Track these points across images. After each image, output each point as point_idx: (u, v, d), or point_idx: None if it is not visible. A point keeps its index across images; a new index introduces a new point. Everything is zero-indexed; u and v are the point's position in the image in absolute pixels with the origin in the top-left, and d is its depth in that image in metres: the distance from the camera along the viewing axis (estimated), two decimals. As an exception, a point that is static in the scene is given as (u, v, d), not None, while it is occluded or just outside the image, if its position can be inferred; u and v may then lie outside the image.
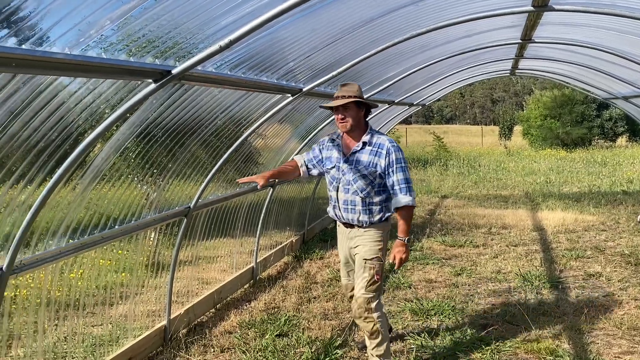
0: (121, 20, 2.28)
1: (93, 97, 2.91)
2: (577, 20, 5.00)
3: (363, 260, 3.56)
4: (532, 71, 9.88)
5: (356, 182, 3.53)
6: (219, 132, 4.49)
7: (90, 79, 2.78)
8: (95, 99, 2.94)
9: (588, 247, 7.35)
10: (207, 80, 3.24)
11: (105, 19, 2.13)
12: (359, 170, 3.52)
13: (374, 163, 3.50)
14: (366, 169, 3.50)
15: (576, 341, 4.33)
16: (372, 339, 3.62)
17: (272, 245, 6.95)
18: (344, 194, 3.57)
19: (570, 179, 14.92)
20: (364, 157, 3.52)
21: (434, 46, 5.56)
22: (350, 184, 3.54)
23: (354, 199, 3.54)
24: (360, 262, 3.58)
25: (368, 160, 3.51)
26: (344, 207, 3.59)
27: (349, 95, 3.46)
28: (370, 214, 3.56)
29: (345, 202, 3.57)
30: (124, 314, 4.50)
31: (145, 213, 4.13)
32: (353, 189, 3.54)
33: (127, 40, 2.71)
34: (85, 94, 2.88)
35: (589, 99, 24.85)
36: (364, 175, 3.51)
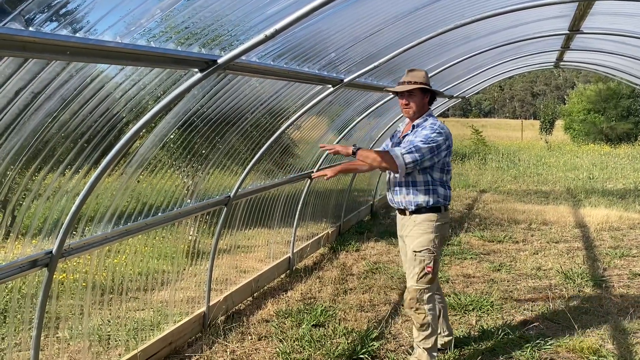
0: (167, 11, 2.31)
1: (137, 89, 2.97)
2: (628, 9, 4.81)
3: (413, 252, 3.56)
4: (577, 63, 9.58)
5: None
6: (258, 123, 4.52)
7: (136, 71, 2.84)
8: (139, 91, 3.00)
9: (633, 246, 7.12)
10: (250, 70, 3.26)
11: (156, 8, 2.17)
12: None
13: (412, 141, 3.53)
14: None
15: (620, 342, 4.20)
16: (421, 330, 3.62)
17: (309, 236, 6.98)
18: (393, 176, 3.64)
19: (615, 175, 14.45)
20: (409, 138, 3.57)
21: (477, 37, 5.44)
22: None
23: (400, 180, 3.59)
24: (411, 254, 3.58)
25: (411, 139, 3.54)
26: (394, 190, 3.66)
27: (414, 81, 3.50)
28: (415, 195, 3.55)
29: (395, 184, 3.64)
30: (164, 299, 4.60)
31: (187, 202, 4.21)
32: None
33: (171, 32, 2.75)
34: (130, 86, 2.94)
35: (635, 93, 23.95)
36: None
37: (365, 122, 7.48)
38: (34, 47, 1.86)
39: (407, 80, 3.53)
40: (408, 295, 3.60)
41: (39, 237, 2.98)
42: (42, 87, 2.28)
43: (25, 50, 1.84)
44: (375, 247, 7.26)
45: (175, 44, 2.66)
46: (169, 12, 2.40)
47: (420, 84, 3.50)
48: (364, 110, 6.68)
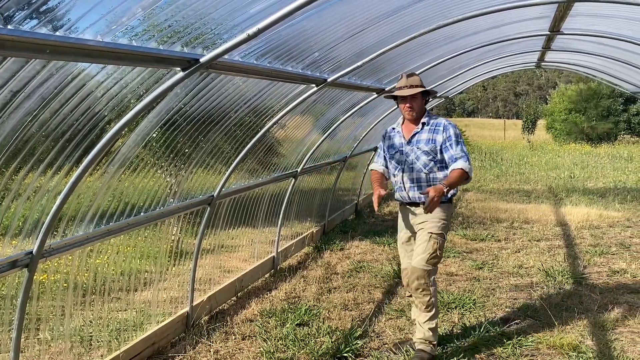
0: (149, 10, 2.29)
1: (119, 87, 2.95)
2: (607, 11, 4.89)
3: (429, 233, 3.74)
4: (558, 64, 9.71)
5: (419, 160, 3.79)
6: (241, 122, 4.51)
7: (118, 69, 2.82)
8: (121, 89, 2.98)
9: (613, 244, 7.23)
10: (233, 69, 3.26)
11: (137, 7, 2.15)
12: (420, 148, 3.79)
13: (433, 139, 3.77)
14: (426, 145, 3.77)
15: (600, 338, 4.27)
16: (426, 311, 3.79)
17: (293, 235, 6.98)
18: (408, 174, 3.82)
19: (595, 174, 14.67)
20: (423, 136, 3.80)
21: (459, 37, 5.49)
22: (414, 162, 3.81)
23: (419, 176, 3.79)
24: (426, 235, 3.74)
25: (427, 138, 3.79)
26: (410, 187, 3.82)
27: (416, 85, 3.75)
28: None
29: (411, 181, 3.81)
30: (147, 300, 4.57)
31: (170, 201, 4.18)
32: (417, 167, 3.80)
33: (153, 30, 2.73)
34: (112, 84, 2.92)
35: (615, 93, 24.35)
36: (426, 152, 3.78)
37: (350, 122, 7.50)
38: (13, 45, 1.84)
39: (409, 84, 3.75)
40: (414, 276, 3.74)
41: (19, 237, 2.94)
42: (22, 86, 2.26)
43: (3, 49, 1.82)
44: (360, 246, 7.29)
45: (157, 43, 2.65)
46: (151, 11, 2.39)
47: (422, 87, 3.77)
48: (348, 109, 6.70)
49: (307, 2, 2.47)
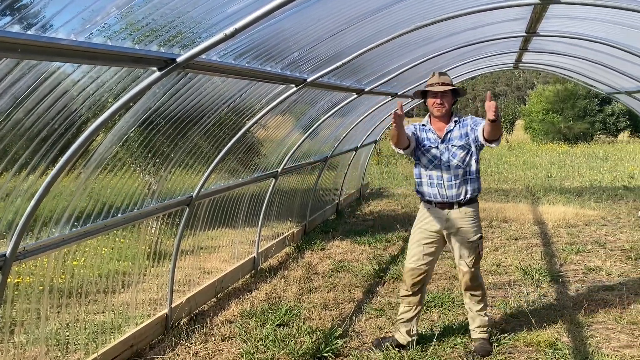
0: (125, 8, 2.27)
1: (96, 85, 2.91)
2: (582, 13, 4.97)
3: (469, 242, 3.94)
4: (535, 65, 9.85)
5: (456, 157, 3.91)
6: (221, 122, 4.49)
7: (94, 68, 2.78)
8: (98, 88, 2.94)
9: (588, 242, 7.36)
10: (211, 69, 3.24)
11: (111, 6, 2.12)
12: (455, 145, 3.91)
13: (465, 133, 3.93)
14: (460, 140, 3.91)
15: (575, 334, 4.34)
16: (482, 302, 4.10)
17: (274, 235, 6.96)
18: (447, 171, 3.92)
19: (572, 173, 14.90)
20: (455, 133, 3.94)
21: (438, 38, 5.53)
22: (450, 159, 3.91)
23: (457, 172, 3.91)
24: (467, 244, 3.94)
25: (459, 133, 3.93)
26: (449, 184, 3.91)
27: (447, 82, 3.86)
28: (471, 183, 3.95)
29: (449, 179, 3.91)
30: (125, 302, 4.52)
31: (148, 202, 4.14)
32: (455, 163, 3.90)
33: (130, 29, 2.70)
34: (89, 83, 2.88)
35: (591, 94, 24.75)
36: (462, 146, 3.91)
37: (331, 122, 7.51)
38: (-17, 43, 1.80)
39: (441, 82, 3.86)
40: (468, 279, 4.00)
41: (-9, 239, 2.89)
42: (-7, 85, 2.21)
43: (-27, 47, 1.79)
44: (341, 246, 7.30)
45: (133, 42, 2.62)
46: (127, 9, 2.36)
47: (453, 85, 3.88)
48: (328, 109, 6.70)
49: (285, 2, 2.47)
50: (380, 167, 17.20)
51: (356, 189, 11.37)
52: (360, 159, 11.35)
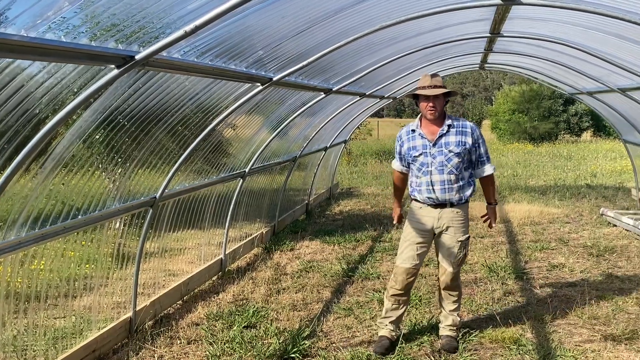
0: (82, 2, 2.19)
1: (55, 81, 2.81)
2: (544, 15, 5.07)
3: (458, 241, 3.96)
4: (500, 65, 10.01)
5: (450, 162, 3.87)
6: (186, 120, 4.41)
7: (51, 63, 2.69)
8: (56, 83, 2.84)
9: (552, 239, 7.52)
10: (172, 67, 3.17)
11: (64, 0, 2.05)
12: (451, 150, 3.87)
13: (463, 141, 3.88)
14: (457, 147, 3.87)
15: (539, 330, 4.42)
16: (457, 302, 4.15)
17: (242, 237, 6.89)
18: (439, 175, 3.89)
19: (537, 172, 15.22)
20: (451, 138, 3.88)
21: (404, 39, 5.56)
22: (444, 164, 3.88)
23: (449, 178, 3.89)
24: (454, 243, 3.97)
25: (457, 140, 3.88)
26: (441, 188, 3.90)
27: (439, 85, 3.84)
28: (463, 189, 3.96)
29: (442, 183, 3.90)
30: (88, 305, 4.40)
31: (110, 203, 4.04)
32: (448, 169, 3.88)
33: (91, 22, 2.62)
34: (46, 78, 2.78)
35: (555, 94, 25.34)
36: (458, 154, 3.87)
37: (300, 121, 7.49)
38: None
39: (433, 84, 3.82)
40: (448, 278, 4.02)
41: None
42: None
43: None
44: (310, 246, 7.28)
45: (89, 39, 2.54)
46: (80, 4, 2.29)
47: (445, 88, 3.86)
48: (297, 108, 6.67)
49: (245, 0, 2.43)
50: (351, 167, 17.26)
51: (326, 188, 11.37)
52: (330, 159, 11.35)
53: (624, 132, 9.94)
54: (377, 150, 19.66)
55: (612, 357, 3.94)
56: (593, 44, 5.69)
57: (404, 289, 4.03)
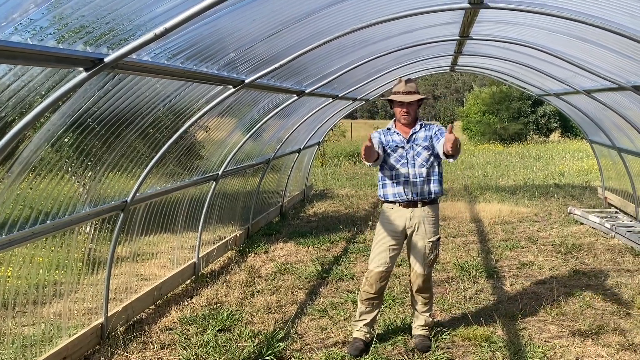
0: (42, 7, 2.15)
1: (21, 83, 2.75)
2: (511, 18, 5.18)
3: (429, 242, 4.04)
4: (471, 68, 10.18)
5: (420, 155, 4.04)
6: (158, 123, 4.37)
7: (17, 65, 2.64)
8: (24, 86, 2.78)
9: (522, 238, 7.67)
10: (142, 70, 3.14)
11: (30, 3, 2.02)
12: (420, 145, 4.05)
13: (428, 136, 4.08)
14: (424, 141, 4.06)
15: (509, 328, 4.51)
16: (430, 304, 4.22)
17: (215, 240, 6.85)
18: (412, 169, 4.05)
19: (507, 172, 15.50)
20: (420, 134, 4.09)
21: (375, 41, 5.62)
22: (415, 158, 4.04)
23: (421, 171, 4.04)
24: (426, 243, 4.03)
25: (424, 135, 4.08)
26: (414, 181, 4.04)
27: (414, 91, 4.02)
28: (434, 183, 4.07)
29: (414, 176, 4.04)
30: (58, 312, 4.32)
31: (80, 207, 3.98)
32: (419, 162, 4.04)
33: (59, 24, 2.58)
34: (13, 80, 2.72)
35: (524, 96, 25.86)
36: (426, 147, 4.04)
37: (273, 123, 7.48)
38: None
39: (407, 90, 4.00)
40: (420, 279, 4.08)
41: None
42: None
43: None
44: (284, 248, 7.28)
45: (57, 41, 2.50)
46: (48, 5, 2.25)
47: (419, 94, 4.04)
48: (270, 110, 6.66)
49: (217, 2, 2.43)
50: (324, 168, 17.30)
51: (300, 190, 11.38)
52: (304, 161, 11.37)
53: (590, 133, 10.21)
54: (350, 152, 19.75)
55: (580, 352, 4.04)
56: (558, 46, 5.84)
57: (378, 292, 4.06)
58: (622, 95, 6.44)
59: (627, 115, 6.98)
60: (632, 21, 3.99)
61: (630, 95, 6.04)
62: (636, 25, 4.01)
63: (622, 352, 4.04)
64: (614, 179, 9.77)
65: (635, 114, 6.80)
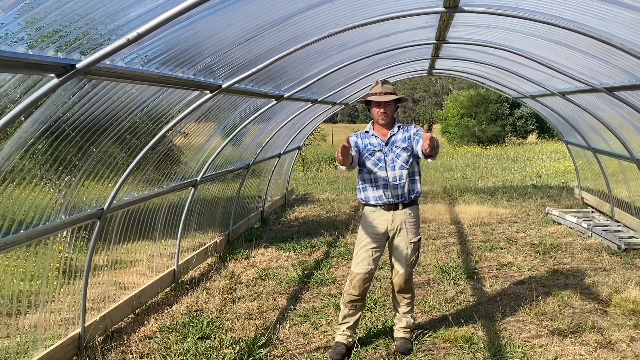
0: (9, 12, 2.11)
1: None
2: (486, 22, 5.24)
3: (411, 243, 4.06)
4: (448, 71, 10.27)
5: (399, 157, 4.05)
6: (135, 128, 4.31)
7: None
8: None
9: (501, 239, 7.75)
10: (116, 76, 3.10)
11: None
12: (399, 146, 4.05)
13: (407, 137, 4.08)
14: (403, 142, 4.06)
15: (490, 328, 4.54)
16: (412, 304, 4.23)
17: (195, 246, 6.79)
18: (392, 171, 4.04)
19: (486, 174, 15.66)
20: (399, 136, 4.09)
21: (352, 45, 5.63)
22: (394, 160, 4.04)
23: (401, 173, 4.04)
24: (407, 244, 4.05)
25: (402, 137, 4.09)
26: (394, 184, 4.03)
27: (390, 92, 4.01)
28: (414, 184, 4.09)
29: (394, 178, 4.04)
30: (33, 323, 4.23)
31: (55, 216, 3.90)
32: (399, 164, 4.04)
33: (30, 28, 2.53)
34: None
35: (502, 98, 26.21)
36: (405, 148, 4.05)
37: (252, 128, 7.44)
38: None
39: (384, 91, 4.00)
40: (402, 279, 4.09)
41: None
42: None
43: None
44: (265, 254, 7.24)
45: (29, 45, 2.45)
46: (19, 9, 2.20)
47: (395, 95, 4.03)
48: (248, 115, 6.63)
49: (190, 7, 2.41)
50: (305, 172, 17.28)
51: (281, 195, 11.35)
52: (285, 165, 11.34)
53: (566, 134, 10.37)
54: (331, 156, 19.77)
55: (559, 351, 4.09)
56: (533, 49, 5.92)
57: (360, 295, 4.06)
58: (596, 96, 6.56)
59: (601, 117, 7.11)
60: (601, 24, 4.07)
61: (603, 96, 6.15)
62: (606, 28, 4.09)
63: (599, 349, 4.09)
64: (590, 179, 9.93)
65: (609, 115, 6.93)
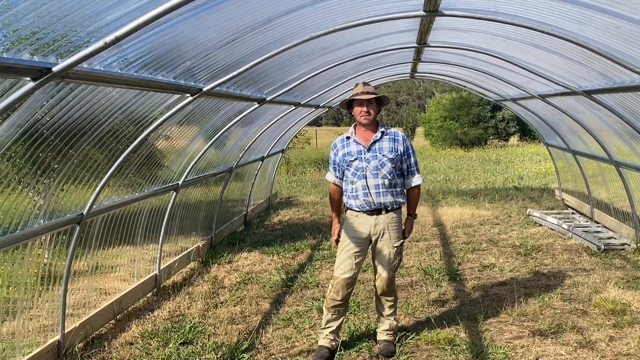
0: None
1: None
2: (467, 26, 5.29)
3: (394, 247, 4.05)
4: (430, 74, 10.34)
5: (384, 166, 3.97)
6: (115, 132, 4.26)
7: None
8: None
9: (483, 240, 7.81)
10: (94, 79, 3.06)
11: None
12: (385, 155, 3.98)
13: (395, 148, 4.02)
14: (391, 153, 3.99)
15: (472, 330, 4.57)
16: (395, 307, 4.24)
17: (177, 251, 6.73)
18: (373, 180, 3.97)
19: (468, 176, 15.78)
20: (385, 144, 4.01)
21: (335, 49, 5.64)
22: (378, 168, 3.97)
23: (383, 182, 3.98)
24: (390, 249, 4.05)
25: (390, 146, 4.01)
26: (376, 192, 3.98)
27: (372, 92, 3.97)
28: (397, 194, 4.05)
29: (376, 187, 3.97)
30: (11, 331, 4.15)
31: (34, 221, 3.84)
32: (382, 173, 3.97)
33: (6, 30, 2.49)
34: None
35: (483, 101, 26.45)
36: (391, 159, 3.99)
37: (235, 131, 7.41)
38: None
39: (366, 90, 3.96)
40: (385, 282, 4.09)
41: None
42: None
43: None
44: (249, 258, 7.21)
45: (6, 48, 2.41)
46: None
47: (376, 94, 3.99)
48: (230, 118, 6.60)
49: (168, 10, 2.39)
50: (289, 176, 17.26)
51: (265, 198, 11.31)
52: (268, 169, 11.31)
53: (546, 136, 10.50)
54: (315, 159, 19.78)
55: (540, 351, 4.12)
56: (513, 53, 5.99)
57: (343, 299, 4.06)
58: (575, 99, 6.65)
59: (580, 119, 7.21)
60: (579, 27, 4.13)
61: (582, 99, 6.24)
62: (583, 32, 4.15)
63: (580, 349, 4.14)
64: (570, 181, 10.06)
65: (588, 118, 7.03)
